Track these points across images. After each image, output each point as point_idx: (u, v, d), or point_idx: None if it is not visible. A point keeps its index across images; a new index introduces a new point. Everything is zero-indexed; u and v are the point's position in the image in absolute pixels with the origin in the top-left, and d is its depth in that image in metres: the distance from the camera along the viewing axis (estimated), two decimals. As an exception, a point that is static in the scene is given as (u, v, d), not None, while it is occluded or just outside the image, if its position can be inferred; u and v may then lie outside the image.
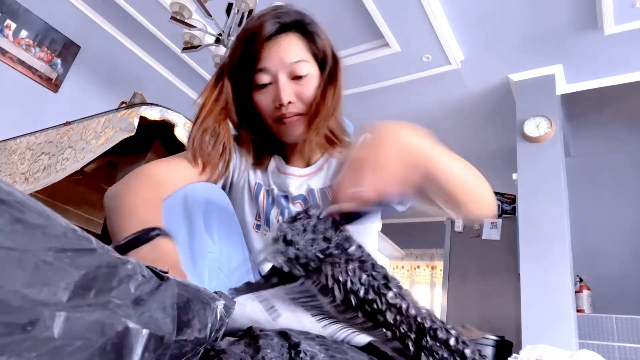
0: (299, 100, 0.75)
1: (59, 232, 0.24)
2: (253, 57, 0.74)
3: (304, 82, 0.75)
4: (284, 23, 0.75)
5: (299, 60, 0.75)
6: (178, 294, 0.31)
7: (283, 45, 0.74)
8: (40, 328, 0.21)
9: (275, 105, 0.75)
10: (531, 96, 3.18)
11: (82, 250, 0.25)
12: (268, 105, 0.76)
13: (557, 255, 2.65)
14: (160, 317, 0.28)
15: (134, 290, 0.27)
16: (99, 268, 0.25)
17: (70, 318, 0.22)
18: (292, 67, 0.74)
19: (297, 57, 0.74)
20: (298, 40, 0.76)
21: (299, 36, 0.76)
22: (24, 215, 0.22)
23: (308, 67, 0.76)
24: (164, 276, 0.31)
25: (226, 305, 0.38)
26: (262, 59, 0.74)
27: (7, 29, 3.02)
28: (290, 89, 0.75)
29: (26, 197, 0.24)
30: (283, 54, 0.74)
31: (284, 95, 0.73)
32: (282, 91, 0.73)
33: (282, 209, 0.81)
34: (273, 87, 0.75)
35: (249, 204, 0.82)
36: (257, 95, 0.77)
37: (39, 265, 0.22)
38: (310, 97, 0.76)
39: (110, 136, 1.11)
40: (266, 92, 0.76)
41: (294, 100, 0.75)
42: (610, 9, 2.62)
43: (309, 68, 0.76)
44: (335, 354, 0.39)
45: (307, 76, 0.76)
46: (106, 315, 0.24)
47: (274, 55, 0.74)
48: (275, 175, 0.84)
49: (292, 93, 0.75)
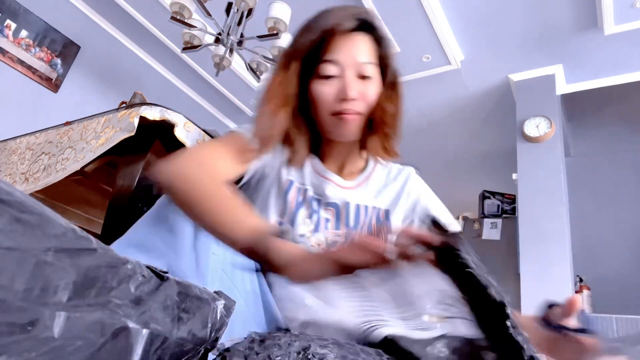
0: (362, 99, 0.75)
1: (59, 232, 0.24)
2: (324, 46, 0.74)
3: (369, 83, 0.76)
4: (363, 22, 0.75)
5: (369, 61, 0.75)
6: (178, 294, 0.31)
7: (357, 43, 0.75)
8: (40, 328, 0.21)
9: (339, 99, 0.74)
10: (531, 96, 3.18)
11: (82, 250, 0.25)
12: (329, 96, 0.74)
13: (557, 255, 2.65)
14: (161, 316, 0.28)
15: (134, 290, 0.27)
16: (99, 268, 0.25)
17: (70, 318, 0.22)
18: (361, 67, 0.74)
19: (367, 58, 0.75)
20: (371, 43, 0.77)
21: (371, 39, 0.77)
22: (24, 215, 0.22)
23: (374, 71, 0.76)
24: (164, 276, 0.31)
25: (226, 305, 0.38)
26: (332, 51, 0.74)
27: (7, 29, 3.02)
28: (356, 86, 0.74)
29: (26, 197, 0.24)
30: (356, 51, 0.74)
31: (352, 90, 0.73)
32: (349, 86, 0.73)
33: (312, 212, 0.79)
34: (338, 80, 0.74)
35: (275, 200, 0.80)
36: (318, 85, 0.75)
37: (39, 265, 0.22)
38: (372, 99, 0.76)
39: (110, 136, 1.11)
40: (329, 84, 0.74)
41: (358, 98, 0.74)
42: (610, 9, 2.62)
43: (374, 72, 0.77)
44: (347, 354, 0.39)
45: (372, 79, 0.76)
46: (106, 315, 0.24)
47: (346, 50, 0.74)
48: (313, 175, 0.82)
49: (357, 90, 0.74)
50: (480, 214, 3.64)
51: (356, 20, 0.75)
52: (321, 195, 0.80)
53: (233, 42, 2.56)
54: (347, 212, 0.80)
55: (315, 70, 0.75)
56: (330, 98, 0.74)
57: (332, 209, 0.80)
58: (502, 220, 3.45)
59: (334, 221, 0.80)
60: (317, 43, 0.74)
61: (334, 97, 0.74)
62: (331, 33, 0.73)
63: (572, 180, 3.37)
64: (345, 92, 0.73)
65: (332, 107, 0.75)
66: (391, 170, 0.89)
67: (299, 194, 0.80)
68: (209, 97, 4.50)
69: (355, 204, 0.81)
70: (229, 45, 2.56)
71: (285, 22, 2.40)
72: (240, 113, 4.69)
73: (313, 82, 0.76)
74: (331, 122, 0.76)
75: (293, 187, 0.80)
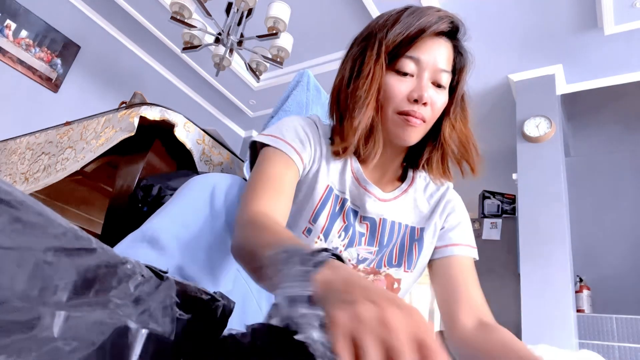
0: (431, 106, 0.71)
1: (59, 232, 0.24)
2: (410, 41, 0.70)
3: (440, 92, 0.72)
4: (454, 29, 0.73)
5: (447, 70, 0.72)
6: (177, 294, 0.31)
7: (442, 49, 0.72)
8: (40, 328, 0.21)
9: (410, 99, 0.70)
10: (531, 96, 3.18)
11: (81, 250, 0.25)
12: (401, 94, 0.70)
13: (557, 255, 2.65)
14: (160, 316, 0.28)
15: (133, 289, 0.27)
16: (99, 268, 0.25)
17: (70, 317, 0.22)
18: (439, 73, 0.71)
19: (446, 66, 0.72)
20: (451, 51, 0.74)
21: (453, 47, 0.75)
22: (24, 215, 0.22)
23: (447, 81, 0.74)
24: (164, 276, 0.31)
25: (226, 306, 0.38)
26: (416, 49, 0.70)
27: (7, 29, 3.02)
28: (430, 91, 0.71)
29: (26, 197, 0.24)
30: (439, 56, 0.71)
31: (426, 92, 0.69)
32: (424, 88, 0.69)
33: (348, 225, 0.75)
34: (412, 80, 0.71)
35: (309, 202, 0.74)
36: (393, 80, 0.71)
37: (38, 265, 0.22)
38: (438, 110, 0.73)
39: (110, 136, 1.11)
40: (404, 82, 0.71)
41: (429, 104, 0.71)
42: (610, 9, 2.62)
43: (447, 82, 0.74)
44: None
45: (444, 88, 0.73)
46: (106, 314, 0.24)
47: (430, 51, 0.71)
48: (353, 183, 0.77)
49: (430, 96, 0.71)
50: (480, 214, 3.64)
51: (450, 26, 0.72)
52: (359, 208, 0.77)
53: (233, 42, 2.56)
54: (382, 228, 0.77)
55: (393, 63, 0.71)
56: (400, 95, 0.70)
57: (367, 223, 0.77)
58: (502, 220, 3.45)
59: (367, 236, 0.77)
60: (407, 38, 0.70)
61: (405, 96, 0.70)
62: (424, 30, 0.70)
63: (572, 180, 3.37)
64: (419, 93, 0.69)
65: (400, 106, 0.71)
66: (429, 184, 0.85)
67: (337, 203, 0.76)
68: (209, 97, 4.50)
69: (391, 220, 0.78)
70: (229, 45, 2.56)
71: (284, 22, 2.40)
72: (240, 113, 4.69)
73: (388, 75, 0.71)
74: (394, 122, 0.71)
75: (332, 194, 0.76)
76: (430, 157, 0.78)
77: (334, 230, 0.74)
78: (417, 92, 0.69)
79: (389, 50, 0.71)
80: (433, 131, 0.77)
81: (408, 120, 0.70)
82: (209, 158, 1.17)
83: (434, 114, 0.72)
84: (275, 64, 2.63)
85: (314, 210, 0.74)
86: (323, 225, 0.74)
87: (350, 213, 0.76)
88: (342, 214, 0.75)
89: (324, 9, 2.99)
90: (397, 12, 0.73)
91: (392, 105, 0.71)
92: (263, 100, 4.39)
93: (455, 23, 0.73)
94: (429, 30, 0.70)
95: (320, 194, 0.75)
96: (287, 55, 2.64)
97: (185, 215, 0.65)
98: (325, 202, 0.75)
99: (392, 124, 0.72)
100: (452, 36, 0.74)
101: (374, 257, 0.76)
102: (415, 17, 0.71)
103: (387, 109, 0.72)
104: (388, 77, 0.71)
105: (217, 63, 2.64)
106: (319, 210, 0.74)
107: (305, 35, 3.23)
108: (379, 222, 0.77)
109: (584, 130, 3.85)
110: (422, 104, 0.70)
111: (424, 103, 0.69)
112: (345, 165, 0.77)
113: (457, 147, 0.77)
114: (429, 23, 0.70)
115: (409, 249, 0.79)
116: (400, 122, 0.71)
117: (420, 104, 0.69)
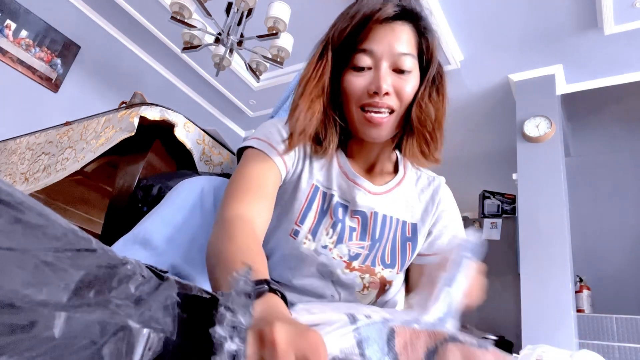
0: (396, 94, 0.69)
1: (59, 233, 0.24)
2: (360, 35, 0.68)
3: (405, 78, 0.69)
4: (404, 10, 0.70)
5: (407, 53, 0.68)
6: (178, 294, 0.31)
7: (397, 33, 0.69)
8: (41, 328, 0.21)
9: (369, 92, 0.68)
10: (531, 96, 3.18)
11: (82, 250, 0.25)
12: (360, 89, 0.69)
13: (557, 255, 2.65)
14: (161, 316, 0.28)
15: (134, 290, 0.27)
16: (99, 268, 0.25)
17: (70, 318, 0.22)
18: (398, 58, 0.68)
19: (406, 49, 0.68)
20: (411, 33, 0.70)
21: (412, 29, 0.71)
22: (24, 215, 0.22)
23: (413, 64, 0.70)
24: (164, 276, 0.31)
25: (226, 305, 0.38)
26: (368, 40, 0.68)
27: (7, 29, 3.02)
28: (390, 79, 0.68)
29: (26, 197, 0.24)
30: (394, 40, 0.68)
31: (384, 83, 0.66)
32: (382, 78, 0.67)
33: (336, 221, 0.73)
34: (371, 72, 0.68)
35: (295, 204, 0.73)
36: (351, 76, 0.69)
37: (39, 265, 0.22)
38: (408, 95, 0.70)
39: (110, 136, 1.11)
40: (362, 76, 0.69)
41: (391, 93, 0.68)
42: (610, 9, 2.62)
43: (413, 65, 0.70)
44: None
45: (410, 73, 0.70)
46: (107, 314, 0.24)
47: (383, 39, 0.68)
48: (341, 178, 0.76)
49: (391, 84, 0.68)
50: (480, 214, 3.64)
51: (397, 7, 0.69)
52: (349, 202, 0.75)
53: (233, 42, 2.56)
54: (374, 222, 0.75)
55: (350, 61, 0.70)
56: (359, 91, 0.69)
57: (358, 217, 0.75)
58: (502, 220, 3.46)
59: (359, 231, 0.75)
60: (353, 30, 0.68)
61: (364, 90, 0.68)
62: (369, 20, 0.68)
63: (572, 180, 3.37)
64: (377, 84, 0.67)
65: (361, 101, 0.69)
66: (421, 177, 0.83)
67: (324, 201, 0.75)
68: (209, 97, 4.50)
69: (383, 214, 0.76)
70: (229, 45, 2.56)
71: (284, 22, 2.40)
72: (240, 113, 4.69)
73: (346, 73, 0.70)
74: (359, 120, 0.70)
75: (318, 192, 0.75)
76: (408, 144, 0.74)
77: (322, 228, 0.72)
78: (374, 83, 0.67)
79: (336, 46, 0.70)
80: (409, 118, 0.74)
81: (369, 118, 0.68)
82: (209, 158, 1.17)
83: (403, 101, 0.69)
84: (275, 64, 2.62)
85: (300, 211, 0.73)
86: (310, 226, 0.72)
87: (338, 209, 0.74)
88: (329, 210, 0.74)
89: (324, 9, 2.98)
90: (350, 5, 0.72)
91: (354, 102, 0.70)
92: (263, 100, 4.39)
93: (403, 4, 0.70)
94: (374, 17, 0.67)
95: (306, 195, 0.74)
96: (287, 55, 2.64)
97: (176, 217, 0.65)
98: (311, 202, 0.74)
99: (358, 122, 0.70)
100: (408, 18, 0.70)
101: (367, 252, 0.74)
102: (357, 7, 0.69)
103: (351, 107, 0.71)
104: (347, 75, 0.70)
105: (217, 63, 2.64)
106: (306, 211, 0.73)
107: (305, 35, 3.22)
108: (370, 215, 0.75)
109: (584, 130, 3.85)
110: (384, 94, 0.67)
111: (385, 93, 0.67)
112: (332, 160, 0.77)
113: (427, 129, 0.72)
114: (372, 10, 0.68)
115: (402, 247, 0.77)
116: (363, 120, 0.69)
117: (380, 95, 0.67)
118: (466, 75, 3.38)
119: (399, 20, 0.70)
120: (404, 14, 0.70)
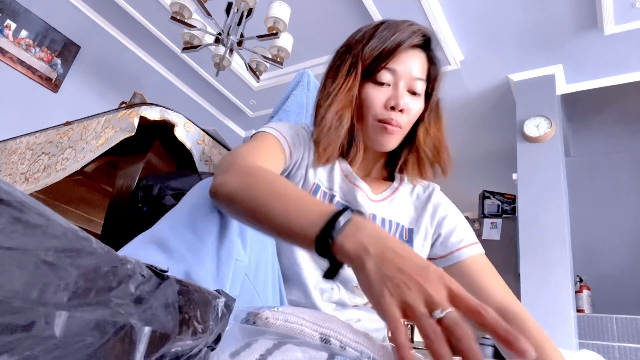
0: (407, 113, 0.77)
1: (59, 232, 0.24)
2: (387, 55, 0.76)
3: (416, 99, 0.78)
4: (426, 41, 0.80)
5: (421, 78, 0.78)
6: (178, 292, 0.31)
7: (417, 59, 0.78)
8: (42, 327, 0.21)
9: (387, 106, 0.76)
10: (531, 96, 3.18)
11: (82, 250, 0.25)
12: (379, 102, 0.77)
13: (557, 255, 2.65)
14: (162, 314, 0.28)
15: (134, 289, 0.27)
16: (99, 268, 0.25)
17: (71, 317, 0.22)
18: (414, 82, 0.77)
19: (420, 74, 0.78)
20: (426, 61, 0.80)
21: (426, 57, 0.81)
22: (24, 215, 0.22)
23: (423, 88, 0.79)
24: (164, 275, 0.31)
25: (227, 303, 0.38)
26: (394, 61, 0.77)
27: (7, 29, 3.02)
28: (405, 99, 0.77)
29: (26, 197, 0.24)
30: (414, 66, 0.77)
31: (402, 100, 0.76)
32: (401, 96, 0.76)
33: None
34: (389, 89, 0.77)
35: None
36: (372, 89, 0.77)
37: (39, 265, 0.22)
38: (414, 116, 0.79)
39: (110, 136, 1.11)
40: (381, 91, 0.77)
41: (405, 110, 0.77)
42: (610, 9, 2.62)
43: (423, 89, 0.79)
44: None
45: (420, 96, 0.79)
46: (108, 313, 0.24)
47: (405, 62, 0.77)
48: (342, 179, 0.81)
49: (405, 103, 0.77)
50: (480, 214, 3.64)
51: (423, 39, 0.79)
52: (350, 202, 0.79)
53: (233, 42, 2.56)
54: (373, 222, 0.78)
55: (372, 75, 0.77)
56: (378, 104, 0.77)
57: None
58: (502, 220, 3.46)
59: None
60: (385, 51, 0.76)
61: (383, 104, 0.77)
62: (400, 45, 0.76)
63: (572, 180, 3.37)
64: (396, 101, 0.75)
65: (379, 114, 0.77)
66: (416, 186, 0.88)
67: (325, 200, 0.79)
68: (209, 97, 4.50)
69: (382, 217, 0.80)
70: (229, 45, 2.56)
71: (284, 22, 2.40)
72: (240, 113, 4.69)
73: (366, 85, 0.78)
74: (374, 129, 0.78)
75: (319, 191, 0.79)
76: (406, 160, 0.84)
77: None
78: (393, 99, 0.76)
79: (366, 64, 0.77)
80: (409, 136, 0.83)
81: (386, 127, 0.76)
82: (209, 158, 1.17)
83: (410, 120, 0.78)
84: (275, 64, 2.63)
85: None
86: None
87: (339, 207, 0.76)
88: None
89: (324, 9, 2.99)
90: (373, 26, 0.80)
91: (372, 113, 0.77)
92: (263, 100, 4.40)
93: (428, 36, 0.80)
94: (404, 44, 0.76)
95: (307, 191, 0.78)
96: (287, 55, 2.64)
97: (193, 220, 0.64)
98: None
99: (372, 131, 0.78)
100: (425, 47, 0.80)
101: None
102: (390, 32, 0.77)
103: (367, 117, 0.78)
104: (367, 88, 0.78)
105: (217, 63, 2.64)
106: None
107: (305, 35, 3.23)
108: (369, 217, 0.78)
109: (584, 130, 3.86)
110: (399, 110, 0.75)
111: (400, 110, 0.75)
112: (333, 166, 0.82)
113: (431, 150, 0.82)
114: (403, 38, 0.76)
115: None
116: (379, 129, 0.77)
117: (396, 111, 0.75)
118: (466, 76, 3.39)
119: (419, 49, 0.80)
120: (425, 44, 0.80)
